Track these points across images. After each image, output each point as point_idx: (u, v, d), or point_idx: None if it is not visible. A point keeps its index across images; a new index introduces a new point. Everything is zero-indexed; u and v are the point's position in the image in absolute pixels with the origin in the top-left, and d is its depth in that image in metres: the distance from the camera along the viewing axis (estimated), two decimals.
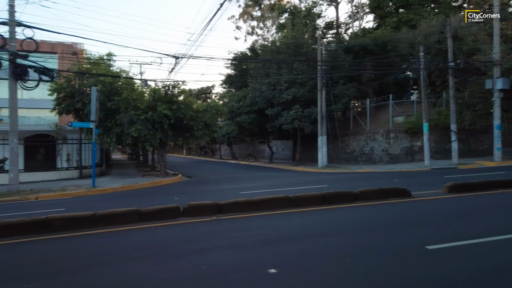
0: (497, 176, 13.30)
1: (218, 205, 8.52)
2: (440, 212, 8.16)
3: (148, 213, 8.02)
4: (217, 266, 5.18)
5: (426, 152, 20.32)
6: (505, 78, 19.56)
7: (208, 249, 6.01)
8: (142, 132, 17.51)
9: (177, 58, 18.29)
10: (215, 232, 7.09)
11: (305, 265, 5.10)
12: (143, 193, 14.48)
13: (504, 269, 4.66)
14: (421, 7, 30.84)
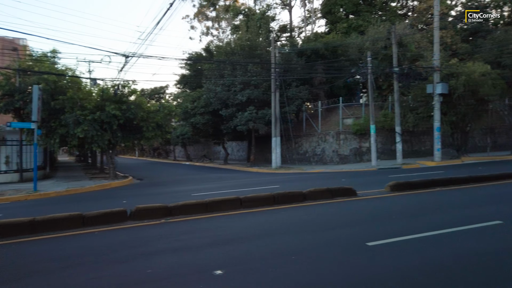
0: (436, 175, 14.23)
1: (167, 207, 8.38)
2: (382, 210, 8.59)
3: (92, 217, 7.70)
4: (163, 269, 5.10)
5: (373, 152, 21.29)
6: (444, 83, 20.95)
7: (155, 252, 5.90)
8: (89, 133, 16.78)
9: (127, 57, 17.75)
10: (163, 235, 6.96)
11: (251, 265, 5.15)
12: (89, 197, 13.88)
13: (435, 262, 5.00)
14: (369, 14, 32.28)
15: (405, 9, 35.80)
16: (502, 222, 6.89)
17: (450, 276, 4.48)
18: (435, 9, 21.22)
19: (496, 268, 4.72)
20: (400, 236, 6.15)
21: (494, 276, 4.45)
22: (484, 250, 5.43)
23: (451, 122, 21.74)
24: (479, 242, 5.86)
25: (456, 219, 7.20)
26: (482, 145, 26.86)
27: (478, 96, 21.39)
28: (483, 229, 6.57)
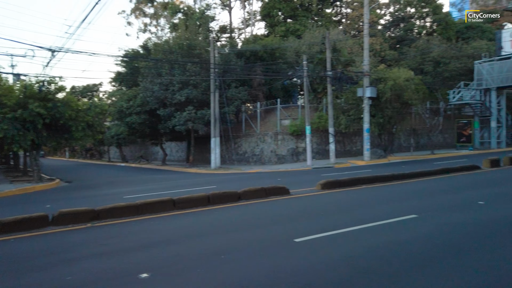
0: (364, 174, 15.09)
1: (94, 211, 7.98)
2: (311, 207, 8.95)
3: (8, 223, 7.10)
4: (84, 276, 4.85)
5: (308, 152, 22.07)
6: (373, 87, 22.33)
7: (77, 258, 5.59)
8: (9, 132, 15.40)
9: (53, 52, 16.58)
10: (88, 240, 6.62)
11: (180, 266, 5.10)
12: (9, 202, 12.75)
13: (355, 254, 5.32)
14: (306, 19, 33.46)
15: (339, 16, 37.63)
16: (417, 216, 7.51)
17: (369, 266, 4.79)
18: (365, 18, 22.55)
19: (408, 257, 5.13)
20: (326, 231, 6.45)
21: (406, 264, 4.85)
22: (400, 241, 5.88)
23: (379, 124, 23.23)
24: (397, 234, 6.34)
25: (378, 214, 7.71)
26: (406, 145, 29.06)
27: (402, 100, 23.09)
28: (401, 222, 7.12)
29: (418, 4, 38.93)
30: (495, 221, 6.96)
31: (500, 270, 4.57)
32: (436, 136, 29.31)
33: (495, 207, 8.23)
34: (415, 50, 34.91)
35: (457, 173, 14.38)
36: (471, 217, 7.34)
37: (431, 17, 39.47)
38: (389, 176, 12.75)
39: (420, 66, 33.67)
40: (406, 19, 40.18)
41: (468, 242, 5.74)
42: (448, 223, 7.00)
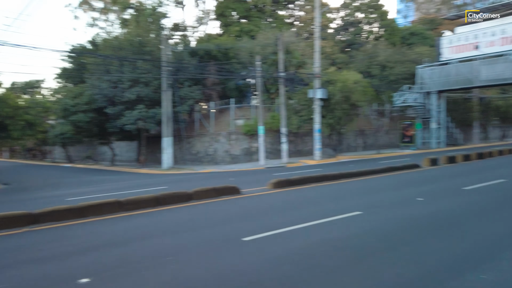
0: (315, 172, 15.44)
1: (32, 214, 7.51)
2: (261, 206, 9.06)
3: None
4: (18, 283, 4.56)
5: (261, 152, 22.29)
6: (323, 89, 22.99)
7: (11, 265, 5.24)
8: None
9: None
10: (24, 246, 6.23)
11: (124, 270, 4.94)
12: None
13: (300, 251, 5.45)
14: (260, 20, 33.75)
15: (292, 18, 38.34)
16: (362, 212, 7.84)
17: (312, 262, 4.93)
18: (316, 21, 23.17)
19: (350, 251, 5.35)
20: (274, 230, 6.54)
21: (347, 259, 5.05)
22: (343, 236, 6.11)
23: (329, 124, 24.00)
24: (341, 230, 6.58)
25: (325, 212, 7.96)
26: (355, 145, 30.26)
27: (351, 102, 24.04)
28: (346, 219, 7.39)
29: (366, 10, 40.66)
30: (431, 216, 7.44)
31: (431, 262, 4.89)
32: (382, 137, 30.79)
33: (432, 202, 8.79)
34: (363, 54, 36.43)
35: (400, 171, 15.20)
36: (411, 213, 7.79)
37: (378, 22, 41.40)
38: (337, 174, 13.20)
39: (368, 70, 35.19)
40: (355, 24, 41.81)
41: (406, 236, 6.09)
42: (390, 218, 7.38)
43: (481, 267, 4.58)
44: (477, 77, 27.28)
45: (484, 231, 6.31)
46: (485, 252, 5.18)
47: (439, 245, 5.54)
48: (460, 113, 34.90)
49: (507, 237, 5.89)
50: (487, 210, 7.86)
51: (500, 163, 17.81)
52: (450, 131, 33.73)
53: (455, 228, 6.53)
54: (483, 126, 40.04)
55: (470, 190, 10.23)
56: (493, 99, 38.60)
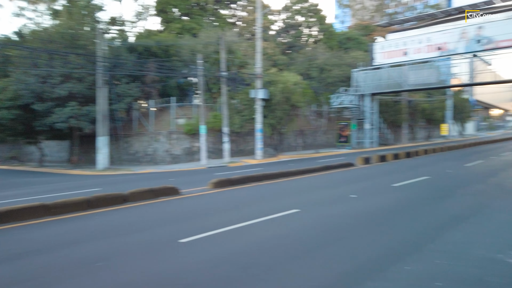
0: (256, 172, 15.55)
1: None
2: (201, 207, 8.92)
3: None
4: None
5: (203, 152, 22.04)
6: (265, 89, 23.30)
7: None
8: None
9: None
10: None
11: (48, 279, 4.56)
12: None
13: (239, 250, 5.43)
14: (202, 18, 33.34)
15: (234, 18, 38.40)
16: (299, 210, 8.03)
17: (250, 261, 4.93)
18: (258, 22, 23.42)
19: (287, 249, 5.43)
20: (212, 230, 6.46)
21: (284, 256, 5.12)
22: (281, 234, 6.20)
23: (270, 124, 24.39)
24: (279, 228, 6.67)
25: (264, 210, 8.03)
26: (295, 144, 31.08)
27: (291, 102, 24.63)
28: (284, 217, 7.52)
29: (306, 13, 41.96)
30: (363, 212, 7.82)
31: (362, 255, 5.13)
32: (320, 137, 31.96)
33: (364, 199, 9.26)
34: (303, 56, 37.56)
35: (336, 170, 15.86)
36: (345, 209, 8.13)
37: (317, 26, 42.92)
38: (277, 173, 13.43)
39: (307, 72, 36.33)
40: (295, 26, 42.98)
41: (340, 232, 6.33)
42: (326, 215, 7.64)
43: (406, 259, 4.89)
44: (405, 81, 29.35)
45: (411, 224, 6.76)
46: (411, 245, 5.54)
47: (370, 240, 5.83)
48: (391, 115, 37.33)
49: (431, 229, 6.36)
50: (413, 205, 8.45)
51: (425, 161, 19.31)
52: (382, 131, 35.97)
53: (385, 222, 6.93)
54: (411, 127, 43.23)
55: (399, 187, 10.94)
56: (419, 102, 41.82)
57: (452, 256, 4.93)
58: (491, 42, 24.45)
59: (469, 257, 4.87)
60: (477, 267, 4.49)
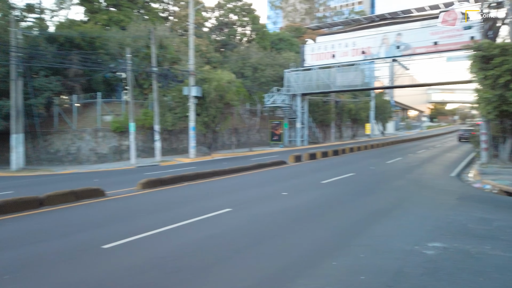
0: (188, 171, 15.16)
1: None
2: (128, 209, 8.43)
3: None
4: None
5: (132, 151, 21.03)
6: (198, 87, 22.89)
7: None
8: None
9: None
10: None
11: None
12: None
13: (168, 253, 5.17)
14: (131, 10, 31.78)
15: (166, 13, 37.23)
16: (231, 209, 7.95)
17: (179, 264, 4.72)
18: (190, 18, 22.92)
19: (218, 250, 5.30)
20: (139, 234, 6.11)
21: (215, 258, 4.98)
22: (212, 235, 6.05)
23: (204, 122, 24.02)
24: (211, 228, 6.52)
25: (196, 211, 7.82)
26: (229, 143, 31.05)
27: (225, 101, 24.49)
28: (216, 217, 7.38)
29: (240, 12, 42.12)
30: (294, 209, 7.98)
31: (293, 253, 5.18)
32: (254, 135, 32.30)
33: (295, 196, 9.47)
34: (237, 55, 37.65)
35: (268, 168, 16.10)
36: (276, 207, 8.22)
37: (250, 26, 43.30)
38: (210, 172, 13.24)
39: (241, 70, 36.50)
40: (229, 25, 42.93)
41: (271, 230, 6.36)
42: (257, 213, 7.65)
43: (334, 254, 5.04)
44: (334, 82, 30.79)
45: (338, 220, 7.02)
46: (339, 240, 5.74)
47: (300, 236, 5.93)
48: (320, 114, 38.96)
49: (356, 224, 6.66)
50: (340, 201, 8.82)
51: (351, 159, 20.42)
52: (313, 130, 37.41)
53: (315, 219, 7.12)
54: (338, 126, 45.55)
55: (327, 184, 11.38)
56: (346, 102, 44.21)
57: (375, 250, 5.19)
58: (409, 48, 26.60)
59: (390, 250, 5.16)
60: (398, 259, 4.77)
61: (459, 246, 5.26)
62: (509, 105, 10.97)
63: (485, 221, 6.71)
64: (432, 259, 4.72)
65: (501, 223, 6.57)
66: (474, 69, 11.94)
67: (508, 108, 11.07)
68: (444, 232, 6.02)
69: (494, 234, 5.87)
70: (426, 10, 28.19)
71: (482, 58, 11.53)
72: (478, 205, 8.30)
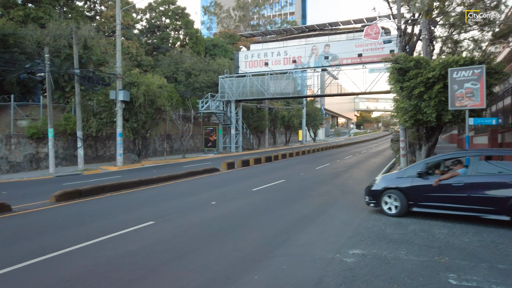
0: (115, 180, 14.27)
1: None
2: (35, 226, 7.55)
3: None
4: None
5: (51, 159, 19.28)
6: (126, 91, 21.77)
7: None
8: None
9: None
10: None
11: None
12: None
13: (72, 280, 4.63)
14: (52, 7, 29.46)
15: (93, 12, 35.13)
16: (154, 222, 7.49)
17: (88, 287, 4.24)
18: (117, 18, 21.79)
19: (134, 267, 4.87)
20: (47, 254, 5.47)
21: (129, 277, 4.56)
22: (130, 251, 5.58)
23: (133, 128, 22.88)
24: (129, 244, 6.03)
25: (115, 225, 7.25)
26: (161, 149, 30.01)
27: (156, 106, 23.60)
28: (137, 231, 6.89)
29: (172, 16, 41.20)
30: (221, 219, 7.74)
31: (214, 268, 4.93)
32: (187, 141, 31.57)
33: (224, 205, 9.25)
34: (169, 59, 36.69)
35: (200, 175, 15.71)
36: (203, 218, 7.92)
37: (184, 30, 42.54)
38: (136, 181, 12.53)
39: (174, 75, 35.64)
40: (162, 28, 41.76)
41: (194, 243, 6.05)
42: (182, 225, 7.28)
43: (256, 267, 4.88)
44: (267, 90, 31.28)
45: (265, 229, 6.91)
46: (263, 251, 5.61)
47: (223, 250, 5.70)
48: (255, 121, 39.36)
49: (282, 233, 6.60)
50: (269, 209, 8.77)
51: (283, 165, 20.75)
52: (247, 137, 37.62)
53: (240, 230, 6.94)
54: (273, 133, 46.42)
55: (258, 191, 11.33)
56: (279, 110, 45.22)
57: (298, 260, 5.14)
58: (336, 59, 27.93)
59: (312, 259, 5.14)
60: (318, 269, 4.75)
61: (377, 252, 5.41)
62: (424, 114, 11.83)
63: (401, 225, 7.05)
64: (351, 267, 4.78)
65: (415, 226, 6.95)
66: (392, 81, 12.74)
67: (423, 117, 11.93)
68: (364, 238, 6.19)
69: (409, 238, 6.16)
70: (352, 23, 29.86)
71: (399, 71, 12.34)
72: None
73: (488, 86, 11.03)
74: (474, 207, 6.82)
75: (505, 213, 6.52)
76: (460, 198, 6.93)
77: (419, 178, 7.48)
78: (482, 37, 20.77)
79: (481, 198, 6.72)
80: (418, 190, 7.45)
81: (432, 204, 7.31)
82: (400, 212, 7.62)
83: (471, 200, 6.82)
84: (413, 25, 18.33)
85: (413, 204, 7.54)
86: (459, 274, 4.52)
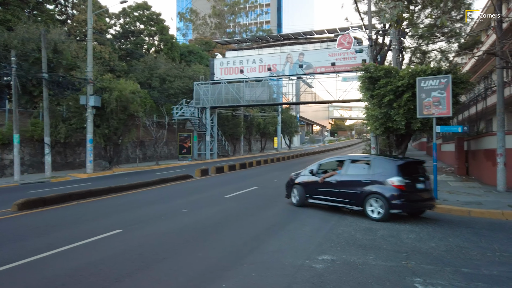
0: (84, 187, 13.84)
1: None
2: None
3: None
4: None
5: (16, 166, 18.48)
6: (97, 96, 21.23)
7: None
8: None
9: None
10: None
11: None
12: None
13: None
14: (21, 9, 28.52)
15: (64, 16, 34.25)
16: (121, 230, 7.26)
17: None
18: (89, 22, 21.35)
19: (99, 279, 4.68)
20: (5, 265, 5.16)
21: (98, 284, 4.38)
22: (94, 261, 5.36)
23: (104, 134, 22.30)
24: (94, 254, 5.80)
25: (79, 234, 6.97)
26: (134, 156, 29.40)
27: (129, 112, 23.13)
28: (103, 240, 6.65)
29: (147, 21, 40.75)
30: (191, 227, 7.59)
31: (182, 277, 4.80)
32: (161, 148, 31.10)
33: (195, 213, 9.09)
34: (143, 65, 36.18)
35: (173, 182, 15.45)
36: (173, 226, 7.74)
37: (159, 36, 42.12)
38: (106, 189, 12.17)
39: (148, 81, 35.16)
40: (136, 33, 41.21)
41: (162, 252, 5.89)
42: (151, 234, 7.09)
43: (225, 275, 4.78)
44: (242, 97, 31.30)
45: (236, 237, 6.82)
46: (232, 259, 5.51)
47: (192, 258, 5.57)
48: (230, 128, 39.27)
49: (252, 240, 6.53)
50: (240, 216, 8.68)
51: (257, 171, 20.73)
52: (222, 143, 37.45)
53: (210, 237, 6.82)
54: (248, 140, 46.43)
55: (230, 198, 11.23)
56: (255, 117, 45.34)
57: (267, 267, 5.07)
58: (311, 67, 28.30)
59: (281, 266, 5.09)
60: (287, 276, 4.70)
61: (346, 257, 5.42)
62: (393, 122, 12.11)
63: (370, 231, 7.12)
64: (320, 273, 4.76)
65: (384, 232, 7.03)
66: (362, 89, 13.01)
67: (393, 125, 12.21)
68: (334, 243, 6.20)
69: (378, 244, 6.22)
70: (326, 33, 30.39)
71: (370, 79, 12.62)
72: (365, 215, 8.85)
73: (455, 95, 11.42)
74: (343, 200, 8.57)
75: (358, 205, 8.23)
76: (335, 192, 8.72)
77: (313, 176, 9.40)
78: (449, 48, 21.62)
79: (346, 193, 8.48)
80: (311, 185, 9.41)
81: (319, 197, 9.20)
82: (299, 202, 9.66)
83: (341, 195, 8.59)
84: (384, 35, 18.86)
85: (308, 197, 9.46)
86: (425, 278, 4.57)
